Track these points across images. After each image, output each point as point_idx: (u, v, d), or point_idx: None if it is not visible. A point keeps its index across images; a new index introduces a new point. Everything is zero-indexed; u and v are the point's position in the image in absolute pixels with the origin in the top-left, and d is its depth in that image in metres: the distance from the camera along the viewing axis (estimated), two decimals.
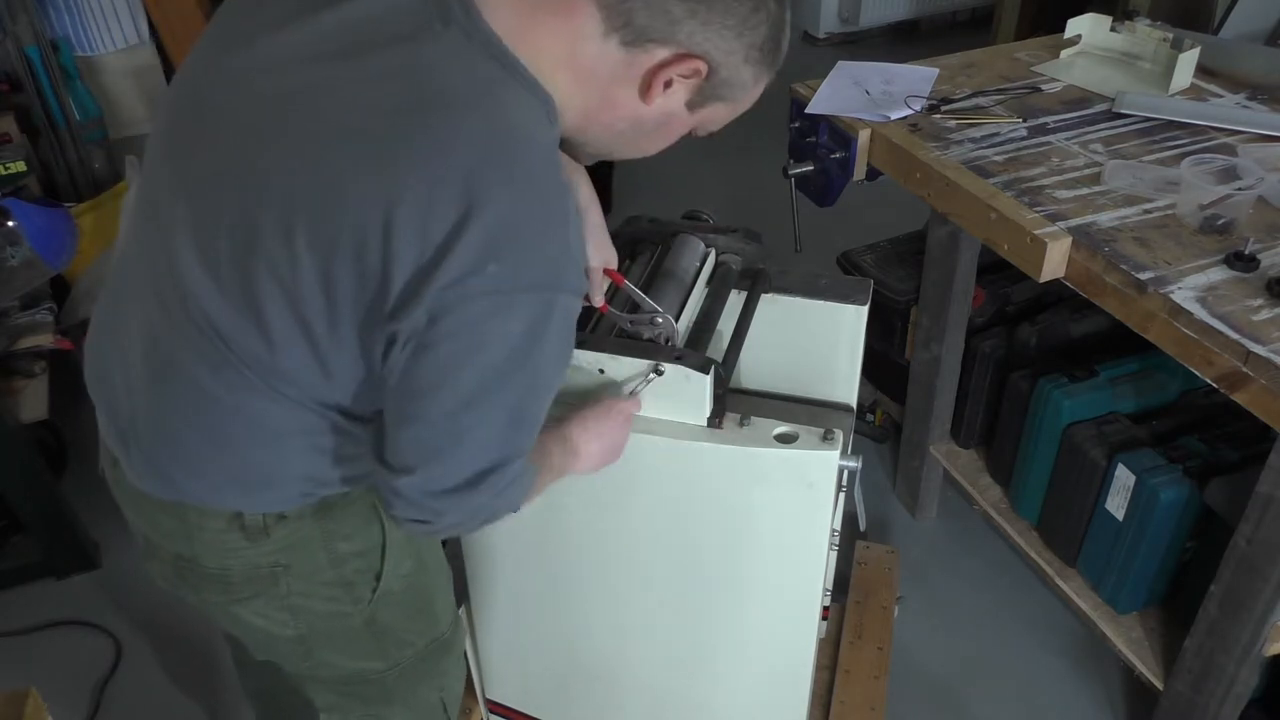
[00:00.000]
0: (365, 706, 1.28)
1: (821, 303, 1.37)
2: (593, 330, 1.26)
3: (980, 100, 1.83)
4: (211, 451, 1.00)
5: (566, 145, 0.99)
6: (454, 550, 1.45)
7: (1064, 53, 2.00)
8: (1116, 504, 1.72)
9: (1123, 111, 1.78)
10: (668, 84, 0.92)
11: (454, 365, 0.86)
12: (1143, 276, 1.38)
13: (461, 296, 0.83)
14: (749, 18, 0.91)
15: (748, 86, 0.97)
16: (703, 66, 0.91)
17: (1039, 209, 1.52)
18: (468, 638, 1.61)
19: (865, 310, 1.37)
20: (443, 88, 0.85)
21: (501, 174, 0.84)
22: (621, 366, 1.17)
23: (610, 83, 0.92)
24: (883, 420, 2.51)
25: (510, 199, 0.84)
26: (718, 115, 1.00)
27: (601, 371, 1.18)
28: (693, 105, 0.96)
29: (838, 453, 1.17)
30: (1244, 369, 1.27)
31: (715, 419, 1.19)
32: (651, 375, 1.16)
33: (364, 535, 1.12)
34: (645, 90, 0.92)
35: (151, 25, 3.12)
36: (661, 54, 0.90)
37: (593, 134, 0.98)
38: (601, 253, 1.20)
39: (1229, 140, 1.70)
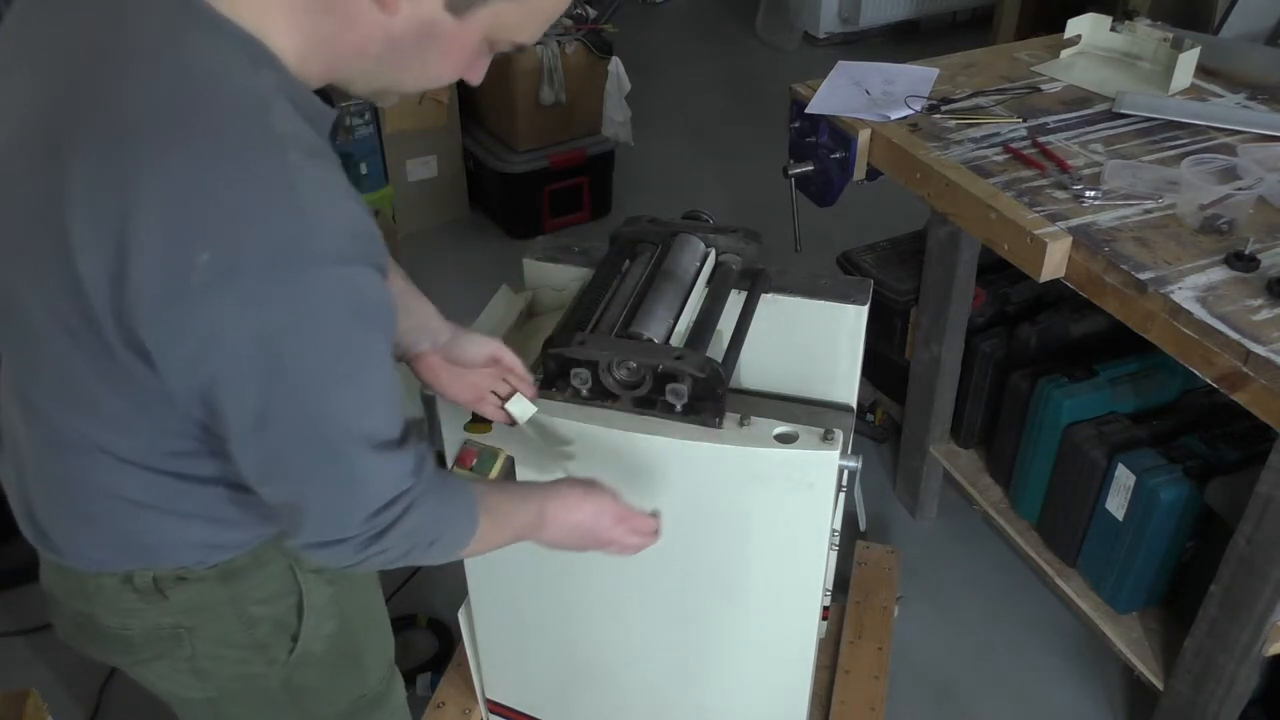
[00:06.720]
0: None
1: (821, 303, 1.37)
2: None
3: (980, 100, 1.83)
4: (78, 521, 0.95)
5: (339, 90, 0.87)
6: None
7: (1064, 53, 2.00)
8: (1116, 504, 1.72)
9: (1123, 111, 1.78)
10: None
11: (229, 381, 0.74)
12: (1143, 276, 1.38)
13: (188, 299, 0.70)
14: None
15: None
16: None
17: (1039, 209, 1.52)
18: (466, 645, 1.61)
19: (865, 310, 1.37)
20: (123, 39, 0.74)
21: (179, 143, 0.70)
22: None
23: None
24: (883, 420, 2.51)
25: (197, 169, 0.70)
26: (507, 18, 0.81)
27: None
28: (456, 8, 0.78)
29: (838, 453, 1.17)
30: (1244, 369, 1.27)
31: (715, 419, 1.19)
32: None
33: (280, 598, 1.03)
34: None
35: None
36: None
37: (350, 68, 0.83)
38: (484, 346, 1.15)
39: (1229, 140, 1.70)
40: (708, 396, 1.18)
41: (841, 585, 1.96)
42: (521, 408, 1.18)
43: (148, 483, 0.89)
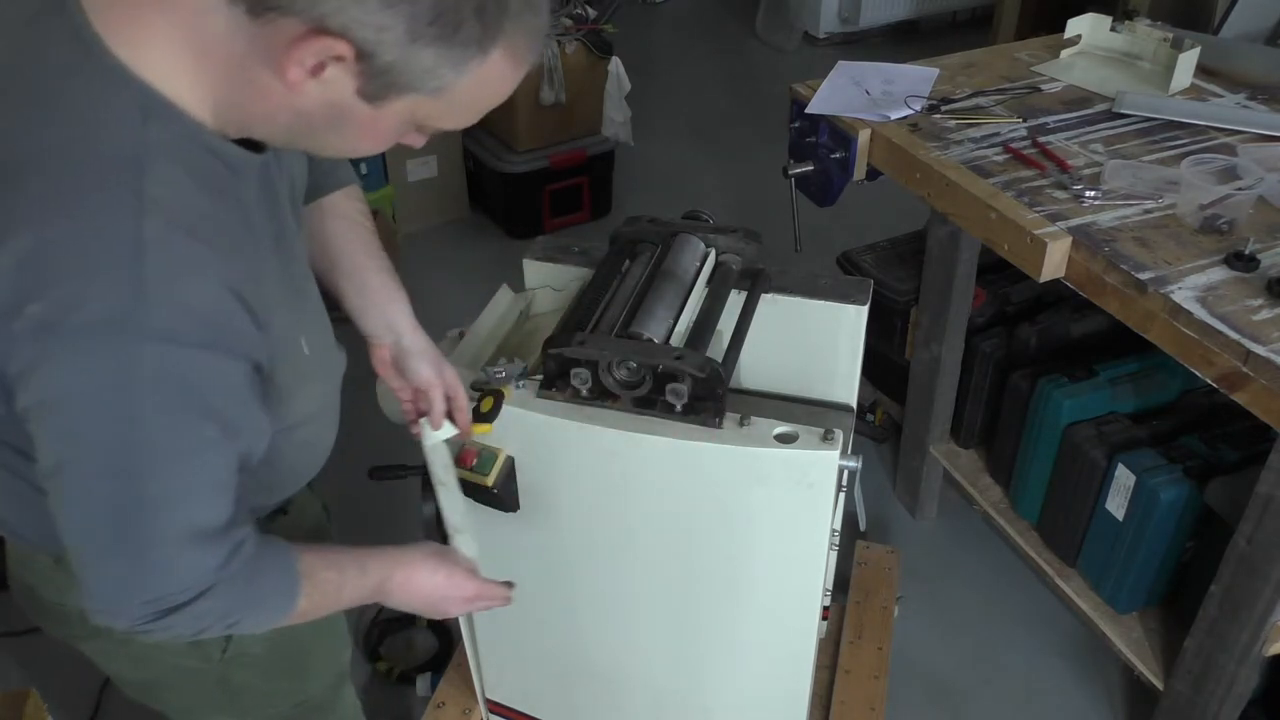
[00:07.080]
0: None
1: (821, 303, 1.37)
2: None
3: (980, 100, 1.83)
4: (6, 500, 0.95)
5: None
6: None
7: (1064, 53, 2.00)
8: (1116, 504, 1.72)
9: (1123, 111, 1.78)
10: (318, 68, 0.72)
11: (38, 422, 0.74)
12: (1143, 276, 1.38)
13: (11, 340, 0.70)
14: None
15: (438, 73, 0.74)
16: (343, 47, 0.70)
17: (1039, 209, 1.52)
18: (466, 645, 1.61)
19: (865, 310, 1.37)
20: (15, 82, 0.73)
21: (41, 191, 0.70)
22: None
23: (247, 64, 0.73)
24: (883, 420, 2.51)
25: (51, 221, 0.70)
26: (427, 109, 0.78)
27: None
28: (370, 97, 0.75)
29: (838, 453, 1.17)
30: (1244, 369, 1.27)
31: (715, 419, 1.19)
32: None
33: None
34: (283, 74, 0.72)
35: None
36: (289, 28, 0.70)
37: (262, 130, 0.80)
38: (426, 369, 1.13)
39: (1229, 140, 1.70)
40: (708, 396, 1.18)
41: (841, 585, 1.96)
42: (429, 431, 1.17)
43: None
